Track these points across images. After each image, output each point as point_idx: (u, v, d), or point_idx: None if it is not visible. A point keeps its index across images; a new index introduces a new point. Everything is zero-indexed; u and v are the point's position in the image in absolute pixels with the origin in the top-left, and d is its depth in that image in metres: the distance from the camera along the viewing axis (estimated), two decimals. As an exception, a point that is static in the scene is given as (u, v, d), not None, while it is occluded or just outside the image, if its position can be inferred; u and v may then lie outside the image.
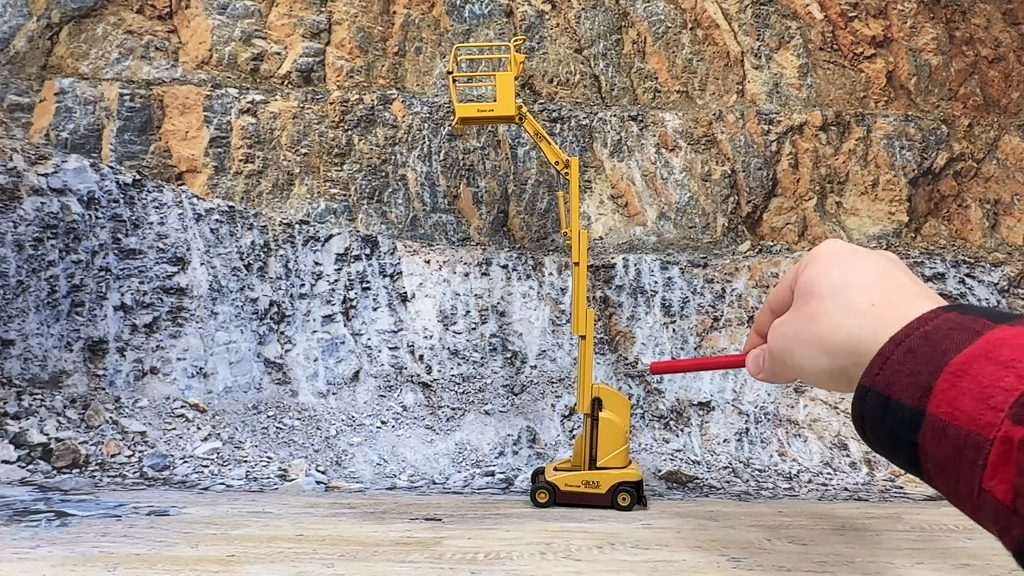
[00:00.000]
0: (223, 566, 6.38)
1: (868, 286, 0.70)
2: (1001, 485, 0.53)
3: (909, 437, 0.60)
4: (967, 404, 0.56)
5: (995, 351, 0.56)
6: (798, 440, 11.83)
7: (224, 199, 12.99)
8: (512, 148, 13.98)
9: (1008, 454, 0.53)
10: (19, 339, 10.92)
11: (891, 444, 0.62)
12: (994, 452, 0.53)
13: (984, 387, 0.55)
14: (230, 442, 10.78)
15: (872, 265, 0.73)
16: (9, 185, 11.42)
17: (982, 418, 0.55)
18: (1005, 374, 0.55)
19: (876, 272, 0.72)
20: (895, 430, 0.61)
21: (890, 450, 0.63)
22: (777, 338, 0.78)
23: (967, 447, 0.55)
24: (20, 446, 9.94)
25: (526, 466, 10.98)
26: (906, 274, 0.73)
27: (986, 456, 0.54)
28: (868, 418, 0.64)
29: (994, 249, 14.22)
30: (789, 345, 0.76)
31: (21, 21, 13.17)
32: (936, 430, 0.57)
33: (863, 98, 14.74)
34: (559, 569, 6.50)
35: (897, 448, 0.62)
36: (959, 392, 0.57)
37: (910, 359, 0.61)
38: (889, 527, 8.51)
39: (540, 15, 14.59)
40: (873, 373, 0.63)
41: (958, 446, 0.56)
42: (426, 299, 12.79)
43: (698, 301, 13.05)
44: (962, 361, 0.57)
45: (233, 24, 13.79)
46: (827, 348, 0.70)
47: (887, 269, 0.73)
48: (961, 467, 0.56)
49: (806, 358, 0.73)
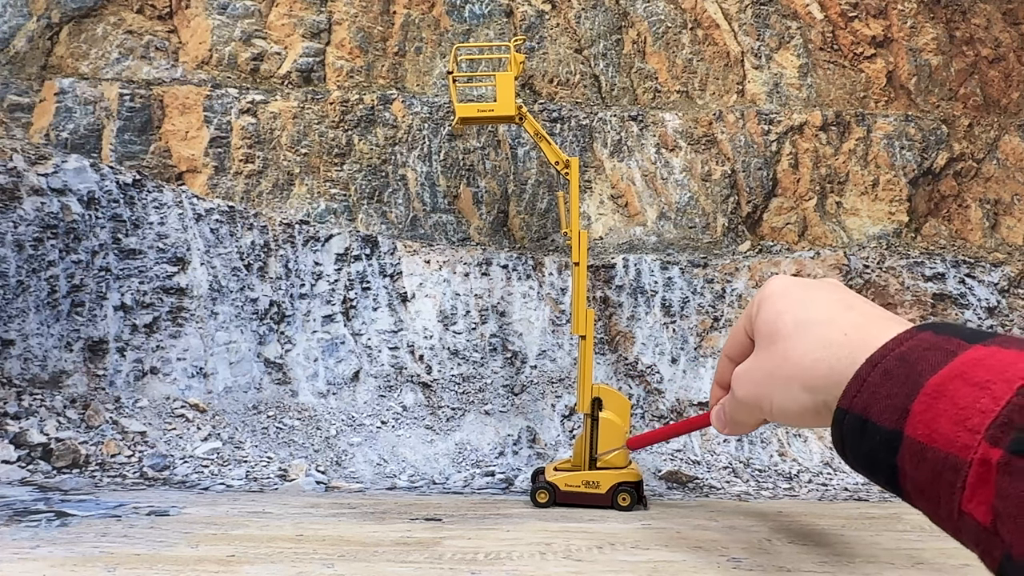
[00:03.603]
0: (223, 566, 6.38)
1: (835, 318, 0.70)
2: (980, 507, 0.53)
3: (888, 459, 0.60)
4: (944, 426, 0.56)
5: (970, 372, 0.56)
6: (798, 440, 11.83)
7: (224, 199, 12.99)
8: (512, 148, 13.98)
9: (986, 476, 0.53)
10: (19, 339, 10.92)
11: (870, 466, 0.62)
12: (972, 474, 0.53)
13: (960, 409, 0.55)
14: (230, 442, 10.78)
15: (830, 295, 0.73)
16: (9, 185, 11.42)
17: (959, 440, 0.54)
18: (980, 395, 0.55)
19: (838, 302, 0.72)
20: (873, 453, 0.61)
21: (870, 472, 0.63)
22: (745, 385, 0.76)
23: (946, 469, 0.55)
24: (20, 446, 9.94)
25: (526, 466, 10.97)
26: (865, 302, 0.72)
27: (964, 478, 0.54)
28: (847, 441, 0.63)
29: (994, 249, 14.22)
30: (763, 390, 0.74)
31: (21, 21, 13.17)
32: (914, 452, 0.57)
33: (863, 98, 14.74)
34: (559, 569, 6.50)
35: (877, 470, 0.62)
36: (936, 414, 0.56)
37: (887, 381, 0.60)
38: (889, 527, 8.51)
39: (540, 15, 14.59)
40: (851, 395, 0.63)
41: (936, 468, 0.56)
42: (426, 299, 12.79)
43: (698, 301, 13.05)
44: (938, 383, 0.57)
45: (233, 24, 13.79)
46: (807, 384, 0.69)
47: (845, 298, 0.72)
48: (940, 489, 0.56)
49: (786, 398, 0.71)
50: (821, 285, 0.75)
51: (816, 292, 0.74)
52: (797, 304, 0.73)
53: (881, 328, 0.66)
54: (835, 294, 0.73)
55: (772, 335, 0.73)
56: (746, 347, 0.80)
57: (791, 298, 0.74)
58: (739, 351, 0.81)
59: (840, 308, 0.71)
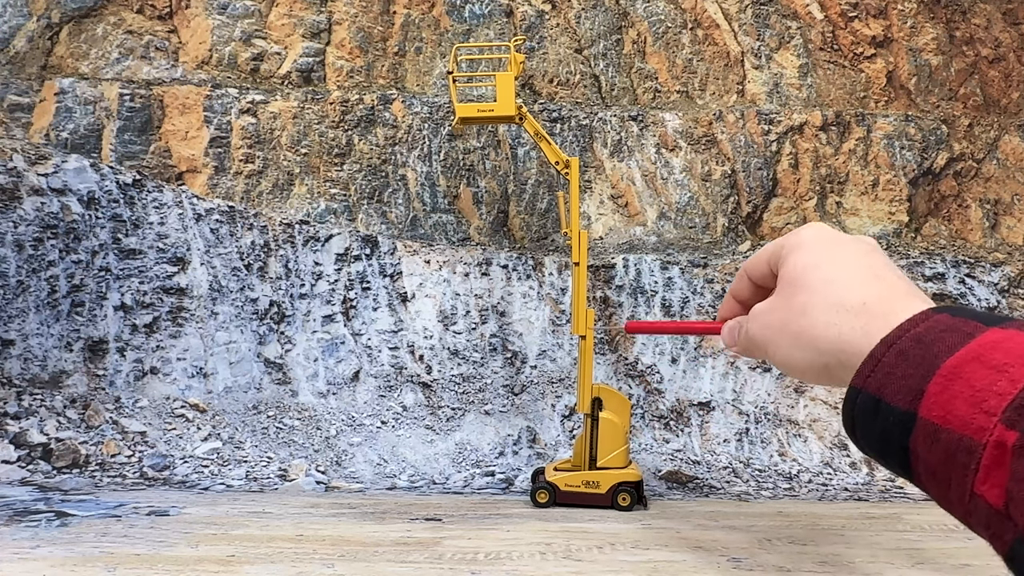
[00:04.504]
0: (223, 566, 6.38)
1: (860, 284, 0.70)
2: (994, 490, 0.53)
3: (900, 440, 0.59)
4: (960, 408, 0.55)
5: (987, 354, 0.56)
6: (798, 440, 11.82)
7: (224, 199, 12.99)
8: (512, 148, 13.98)
9: (1001, 458, 0.52)
10: (19, 339, 10.92)
11: (881, 447, 0.62)
12: (987, 456, 0.53)
13: (977, 391, 0.55)
14: (230, 442, 10.78)
15: (861, 260, 0.72)
16: (9, 185, 11.42)
17: (975, 422, 0.54)
18: (998, 378, 0.55)
19: (867, 268, 0.71)
20: (886, 433, 0.61)
21: (880, 453, 0.63)
22: (760, 327, 0.77)
23: (959, 451, 0.55)
24: (20, 446, 9.94)
25: (526, 466, 10.97)
26: (894, 271, 0.72)
27: (978, 460, 0.54)
28: (859, 421, 0.63)
29: (994, 249, 14.22)
30: (774, 336, 0.75)
31: (21, 21, 13.17)
32: (928, 434, 0.57)
33: (863, 98, 14.74)
34: (559, 569, 6.50)
35: (887, 451, 0.61)
36: (951, 396, 0.56)
37: (902, 362, 0.60)
38: (889, 527, 8.51)
39: (540, 15, 14.59)
40: (864, 375, 0.62)
41: (950, 450, 0.56)
42: (426, 299, 12.79)
43: (698, 301, 13.05)
44: (954, 364, 0.57)
45: (233, 24, 13.79)
46: (815, 345, 0.69)
47: (875, 265, 0.72)
48: (953, 471, 0.56)
49: (792, 352, 0.72)
50: (856, 246, 0.74)
51: (848, 252, 0.73)
52: (827, 260, 0.73)
53: (903, 303, 0.66)
54: (867, 258, 0.73)
55: (795, 284, 0.73)
56: (765, 275, 0.80)
57: (823, 252, 0.74)
58: (758, 275, 0.81)
59: (868, 275, 0.70)
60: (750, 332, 0.79)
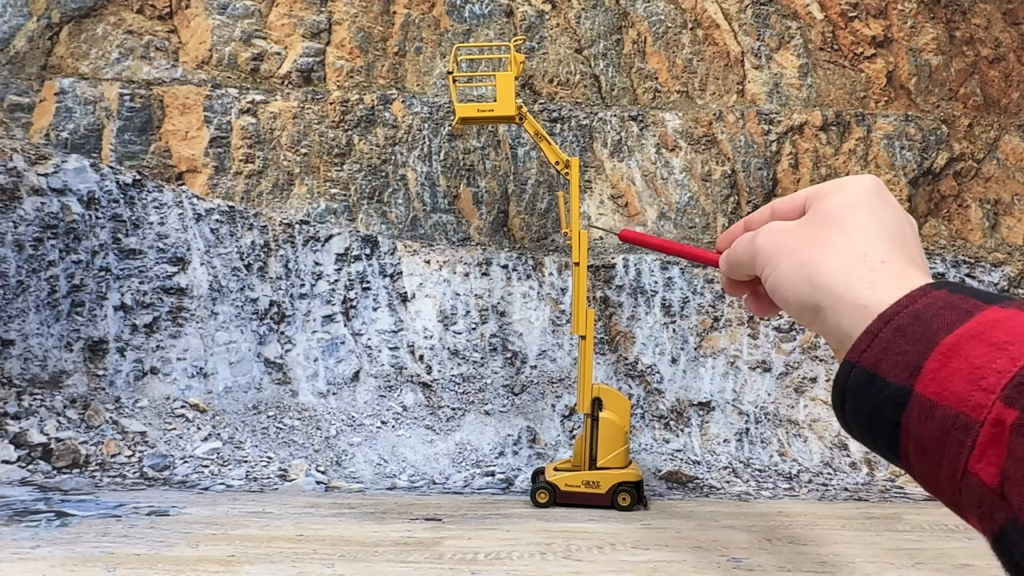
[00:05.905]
0: (223, 566, 6.38)
1: (889, 242, 0.69)
2: (989, 468, 0.52)
3: (893, 416, 0.58)
4: (957, 385, 0.55)
5: (987, 332, 0.55)
6: (798, 440, 11.83)
7: (224, 199, 12.99)
8: (512, 148, 13.98)
9: (999, 437, 0.52)
10: (19, 339, 10.92)
11: (871, 423, 0.61)
12: (984, 434, 0.52)
13: (975, 368, 0.54)
14: (230, 442, 10.78)
15: (899, 227, 0.72)
16: (9, 185, 11.42)
17: (972, 399, 0.53)
18: (997, 356, 0.54)
19: (898, 234, 0.71)
20: (878, 409, 0.60)
21: (868, 429, 0.62)
22: (771, 240, 0.75)
23: (955, 428, 0.54)
24: (20, 446, 9.94)
25: (526, 466, 10.97)
26: (918, 246, 0.72)
27: (975, 438, 0.53)
28: (850, 395, 0.62)
29: (994, 249, 14.22)
30: (780, 254, 0.73)
31: (21, 21, 13.17)
32: (923, 410, 0.56)
33: (863, 98, 14.74)
34: (559, 569, 6.50)
35: (877, 428, 0.60)
36: (949, 372, 0.55)
37: (899, 337, 0.59)
38: (889, 527, 8.51)
39: (540, 15, 14.59)
40: (860, 350, 0.61)
41: (945, 427, 0.55)
42: (426, 299, 12.79)
43: (698, 301, 13.05)
44: (953, 341, 0.56)
45: (233, 24, 13.79)
46: (819, 280, 0.68)
47: (907, 235, 0.71)
48: (946, 448, 0.55)
49: (791, 277, 0.71)
50: (898, 211, 0.73)
51: (890, 211, 0.72)
52: (867, 208, 0.72)
53: (915, 276, 0.65)
54: (904, 227, 0.72)
55: (827, 217, 0.72)
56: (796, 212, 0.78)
57: (867, 200, 0.72)
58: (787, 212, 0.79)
59: (897, 240, 0.70)
60: (758, 240, 0.77)
